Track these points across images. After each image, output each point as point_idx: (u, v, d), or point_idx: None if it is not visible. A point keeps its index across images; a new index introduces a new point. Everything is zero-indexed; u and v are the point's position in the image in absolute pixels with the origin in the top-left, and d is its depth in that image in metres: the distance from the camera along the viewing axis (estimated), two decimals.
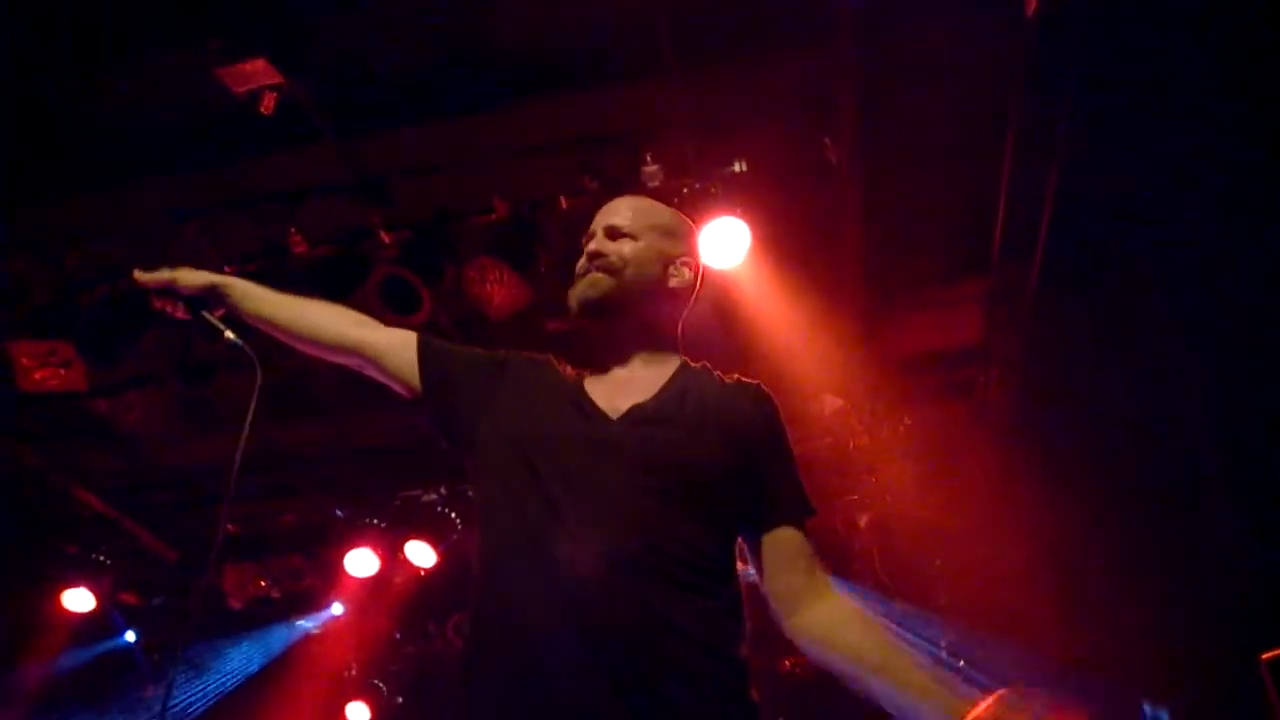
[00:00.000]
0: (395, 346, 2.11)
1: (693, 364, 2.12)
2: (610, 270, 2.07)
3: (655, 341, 2.10)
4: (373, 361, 2.11)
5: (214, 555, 6.20)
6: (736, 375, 2.11)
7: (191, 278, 2.21)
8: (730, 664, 1.80)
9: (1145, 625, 4.58)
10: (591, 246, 2.11)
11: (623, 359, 2.07)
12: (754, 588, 1.98)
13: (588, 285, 2.07)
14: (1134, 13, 3.54)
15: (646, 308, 2.10)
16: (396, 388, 2.12)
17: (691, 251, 2.18)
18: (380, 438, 6.17)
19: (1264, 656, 3.26)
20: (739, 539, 2.02)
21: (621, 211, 2.15)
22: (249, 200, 4.61)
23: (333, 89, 4.21)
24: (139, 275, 2.22)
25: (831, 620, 1.93)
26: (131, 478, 6.34)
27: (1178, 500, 4.16)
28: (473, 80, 4.26)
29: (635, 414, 1.94)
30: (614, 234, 2.12)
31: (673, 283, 2.13)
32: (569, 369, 2.12)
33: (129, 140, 4.37)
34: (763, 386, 2.09)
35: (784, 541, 1.98)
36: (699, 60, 4.15)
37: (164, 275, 2.21)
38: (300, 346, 2.18)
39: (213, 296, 2.20)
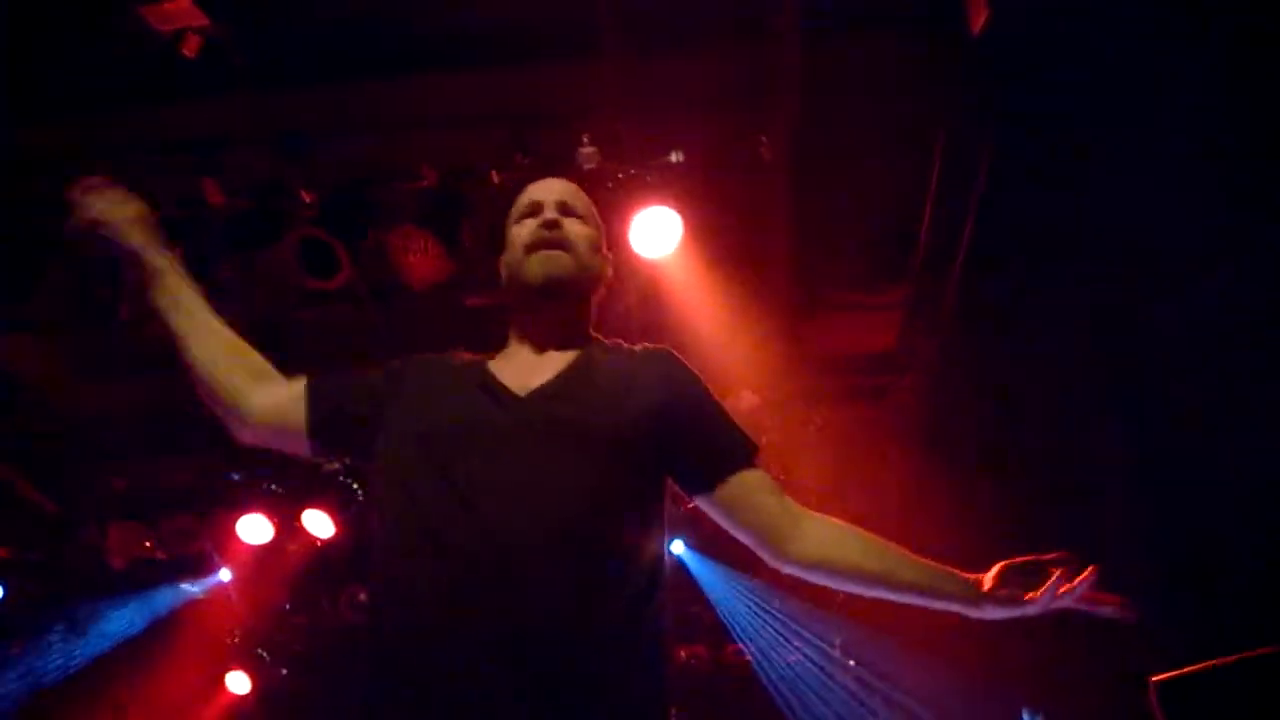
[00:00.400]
0: (289, 406, 2.00)
1: (604, 341, 2.08)
2: (567, 247, 2.02)
3: (579, 326, 2.07)
4: (270, 428, 2.01)
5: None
6: (644, 344, 2.07)
7: (130, 234, 2.04)
8: (639, 661, 1.70)
9: (1044, 636, 4.73)
10: (549, 215, 2.04)
11: (541, 341, 2.01)
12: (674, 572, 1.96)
13: (551, 262, 2.00)
14: (1072, 43, 3.61)
15: (588, 292, 2.08)
16: (295, 448, 2.02)
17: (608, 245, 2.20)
18: None
19: (1154, 679, 3.30)
20: (700, 502, 1.98)
21: (568, 191, 2.12)
22: (165, 147, 4.41)
23: (263, 38, 4.05)
24: (77, 194, 2.05)
25: (823, 542, 1.95)
26: (13, 427, 6.04)
27: (1085, 515, 4.30)
28: (409, 43, 4.15)
29: (545, 390, 1.87)
30: (566, 210, 2.07)
31: (607, 271, 2.13)
32: (468, 356, 2.04)
33: (45, 77, 4.14)
34: (670, 349, 2.05)
35: (745, 484, 1.96)
36: (642, 45, 4.12)
37: (111, 214, 2.04)
38: (193, 379, 2.04)
39: (136, 266, 2.04)
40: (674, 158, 4.47)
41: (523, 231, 2.05)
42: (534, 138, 4.37)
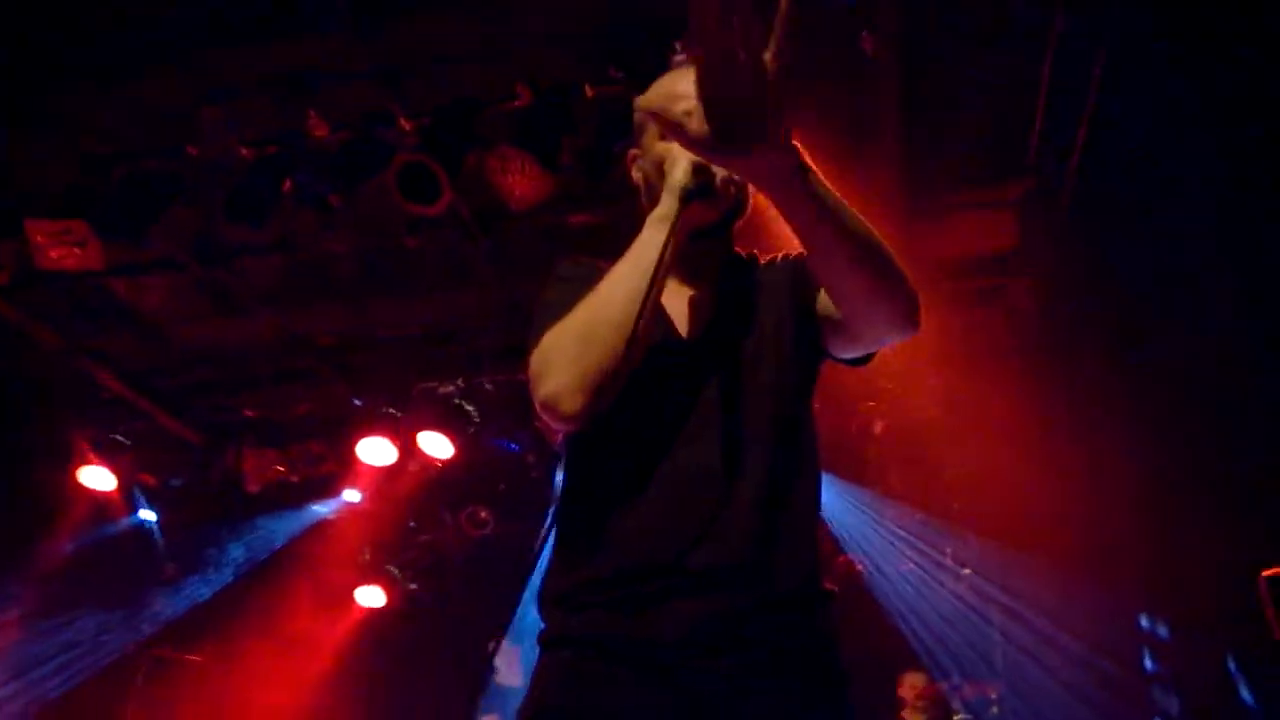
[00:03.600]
0: None
1: (742, 255, 2.00)
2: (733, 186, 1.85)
3: (724, 246, 1.97)
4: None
5: None
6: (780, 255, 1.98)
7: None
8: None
9: (1156, 538, 4.60)
10: None
11: (687, 267, 1.89)
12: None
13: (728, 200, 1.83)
14: None
15: (737, 216, 1.95)
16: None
17: None
18: (400, 327, 6.16)
19: (1264, 574, 3.31)
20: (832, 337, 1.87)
21: None
22: (269, 83, 4.48)
23: None
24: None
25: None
26: (151, 360, 6.35)
27: (1200, 420, 4.13)
28: None
29: (710, 336, 1.86)
30: None
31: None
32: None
33: (149, 22, 4.23)
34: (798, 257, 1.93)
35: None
36: None
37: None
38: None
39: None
40: None
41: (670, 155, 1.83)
42: (627, 49, 4.29)
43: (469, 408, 6.47)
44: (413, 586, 8.15)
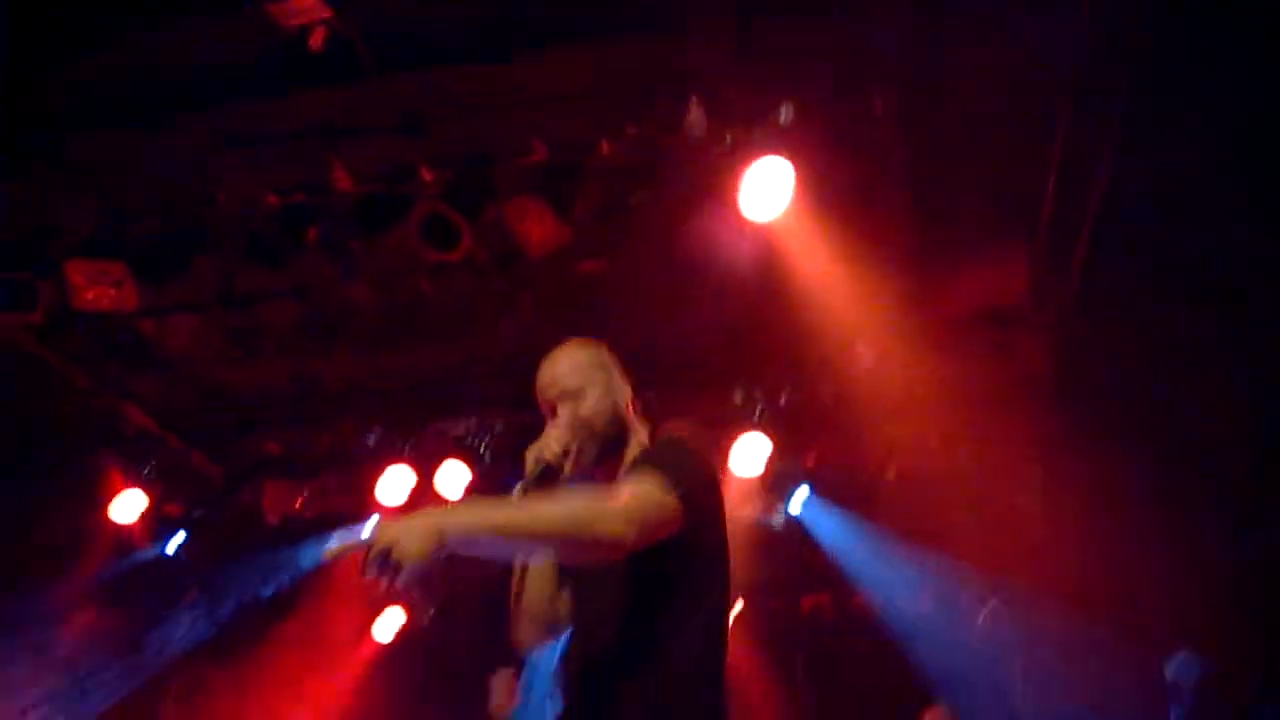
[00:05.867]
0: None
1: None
2: (580, 432, 2.31)
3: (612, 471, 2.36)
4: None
5: None
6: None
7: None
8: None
9: (1175, 590, 4.60)
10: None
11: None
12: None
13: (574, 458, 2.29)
14: None
15: (623, 434, 2.40)
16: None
17: (616, 365, 2.46)
18: (413, 371, 6.26)
19: None
20: None
21: (549, 385, 2.40)
22: (293, 135, 4.60)
23: (381, 25, 4.17)
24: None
25: None
26: (174, 399, 6.47)
27: (1212, 478, 4.14)
28: (519, 21, 4.21)
29: None
30: (561, 400, 2.36)
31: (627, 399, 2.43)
32: None
33: (176, 72, 4.36)
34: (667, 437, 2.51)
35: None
36: (747, 6, 4.08)
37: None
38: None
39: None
40: (783, 115, 4.41)
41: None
42: (644, 105, 4.41)
43: (481, 448, 6.56)
44: (430, 611, 8.21)
